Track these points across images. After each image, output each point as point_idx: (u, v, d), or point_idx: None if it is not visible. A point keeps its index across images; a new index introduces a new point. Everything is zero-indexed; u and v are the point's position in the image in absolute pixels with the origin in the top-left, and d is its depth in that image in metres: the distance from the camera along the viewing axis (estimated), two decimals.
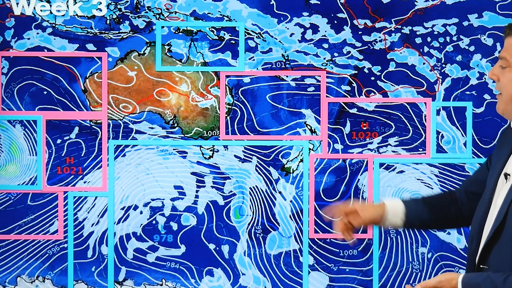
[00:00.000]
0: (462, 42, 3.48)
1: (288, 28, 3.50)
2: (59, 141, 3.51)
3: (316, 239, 3.51)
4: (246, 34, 3.50)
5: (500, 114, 2.11)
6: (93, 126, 3.51)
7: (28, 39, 3.49)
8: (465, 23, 3.47)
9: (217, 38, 3.50)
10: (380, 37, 3.49)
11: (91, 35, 3.50)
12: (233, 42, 3.50)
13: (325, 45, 3.50)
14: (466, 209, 2.31)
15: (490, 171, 2.18)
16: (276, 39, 3.50)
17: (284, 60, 3.50)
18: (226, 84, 3.50)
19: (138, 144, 3.51)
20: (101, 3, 3.49)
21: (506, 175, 2.07)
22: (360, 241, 3.51)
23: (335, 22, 3.50)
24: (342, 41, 3.50)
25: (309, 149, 3.50)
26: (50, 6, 3.48)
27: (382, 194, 3.49)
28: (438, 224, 2.37)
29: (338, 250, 3.51)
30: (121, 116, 3.50)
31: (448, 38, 3.49)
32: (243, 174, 3.51)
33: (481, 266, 2.04)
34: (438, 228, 2.41)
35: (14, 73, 3.49)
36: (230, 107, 3.51)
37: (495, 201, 2.09)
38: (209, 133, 3.51)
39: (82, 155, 3.51)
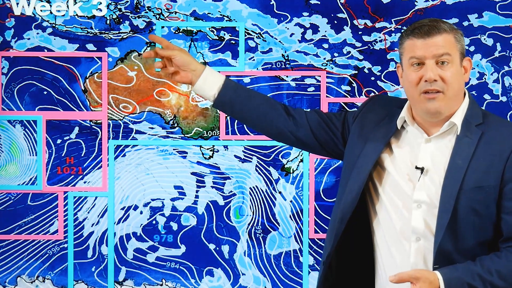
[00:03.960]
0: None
1: (288, 28, 3.50)
2: (59, 141, 3.51)
3: (316, 239, 3.51)
4: (246, 34, 3.50)
5: (436, 114, 2.09)
6: (93, 126, 3.51)
7: (28, 39, 3.49)
8: (465, 23, 3.47)
9: (217, 38, 3.50)
10: (380, 37, 3.50)
11: (91, 35, 3.50)
12: (233, 42, 3.50)
13: (325, 45, 3.50)
14: (288, 126, 2.27)
15: (355, 152, 2.17)
16: (276, 39, 3.50)
17: (284, 60, 3.50)
18: None
19: (138, 144, 3.51)
20: (101, 3, 3.49)
21: (421, 169, 2.08)
22: None
23: (335, 22, 3.50)
24: (342, 41, 3.50)
25: None
26: (50, 6, 3.48)
27: None
28: (249, 119, 2.31)
29: None
30: (121, 116, 3.51)
31: None
32: (243, 174, 3.52)
33: (435, 266, 2.04)
34: (252, 127, 2.34)
35: (14, 73, 3.49)
36: None
37: (406, 193, 2.09)
38: (209, 133, 3.51)
39: (82, 155, 3.51)
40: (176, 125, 3.51)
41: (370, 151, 2.15)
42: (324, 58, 3.50)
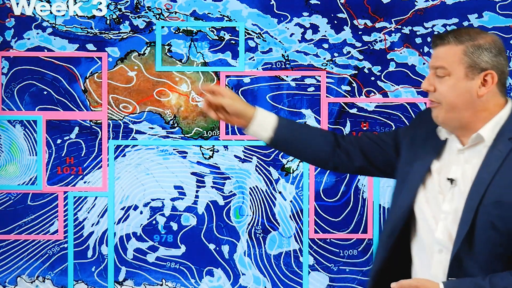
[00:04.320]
0: None
1: (288, 28, 3.50)
2: (59, 141, 3.51)
3: (316, 239, 3.51)
4: (246, 34, 3.50)
5: (439, 124, 2.10)
6: (93, 126, 3.51)
7: (28, 39, 3.49)
8: (465, 23, 3.47)
9: (217, 38, 3.50)
10: (380, 37, 3.50)
11: (91, 35, 3.50)
12: (233, 42, 3.50)
13: (325, 45, 3.50)
14: (343, 160, 2.29)
15: (405, 166, 2.17)
16: (276, 39, 3.50)
17: (284, 60, 3.50)
18: (226, 84, 3.50)
19: (138, 144, 3.51)
20: (101, 3, 3.49)
21: (451, 180, 2.08)
22: (360, 241, 3.51)
23: (335, 22, 3.50)
24: (342, 41, 3.50)
25: None
26: (50, 6, 3.48)
27: (382, 194, 3.49)
28: (305, 156, 2.33)
29: (338, 250, 3.51)
30: (121, 116, 3.51)
31: None
32: (243, 174, 3.52)
33: (449, 278, 2.04)
34: (305, 160, 2.36)
35: (14, 73, 3.49)
36: None
37: (436, 204, 2.09)
38: (209, 133, 3.51)
39: (82, 155, 3.51)
40: (176, 125, 3.51)
41: (420, 167, 2.14)
42: (324, 58, 3.50)
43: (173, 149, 3.51)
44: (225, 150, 3.51)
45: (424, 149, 2.16)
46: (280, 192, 3.51)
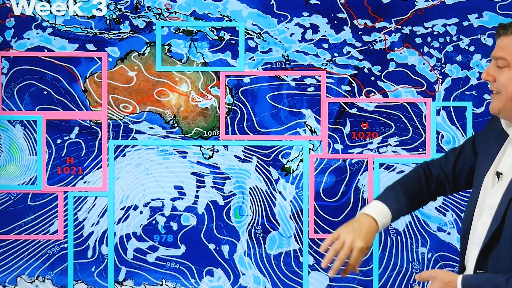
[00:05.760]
0: (462, 42, 3.48)
1: (288, 28, 3.50)
2: (59, 141, 3.51)
3: (316, 239, 3.51)
4: (246, 34, 3.50)
5: (494, 114, 2.10)
6: (93, 126, 3.51)
7: (28, 39, 3.49)
8: (465, 23, 3.47)
9: (217, 38, 3.50)
10: (380, 37, 3.50)
11: (91, 35, 3.50)
12: (233, 42, 3.50)
13: (325, 45, 3.50)
14: (441, 189, 2.32)
15: (478, 167, 2.19)
16: (276, 39, 3.50)
17: (284, 60, 3.50)
18: (226, 84, 3.50)
19: (138, 144, 3.51)
20: (101, 3, 3.49)
21: (498, 174, 2.07)
22: None
23: (335, 22, 3.50)
24: (342, 41, 3.50)
25: (309, 149, 3.50)
26: (50, 6, 3.48)
27: None
28: (419, 207, 2.37)
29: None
30: (121, 116, 3.51)
31: (448, 38, 3.49)
32: (243, 174, 3.52)
33: (477, 271, 2.04)
34: (419, 208, 2.42)
35: (14, 73, 3.49)
36: (230, 107, 3.51)
37: (483, 199, 2.10)
38: (209, 133, 3.51)
39: (82, 155, 3.51)
40: (176, 125, 3.51)
41: (483, 167, 2.15)
42: (324, 58, 3.50)
43: (173, 149, 3.51)
44: (225, 150, 3.51)
45: (490, 148, 2.16)
46: (280, 192, 3.51)
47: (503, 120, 2.13)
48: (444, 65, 3.49)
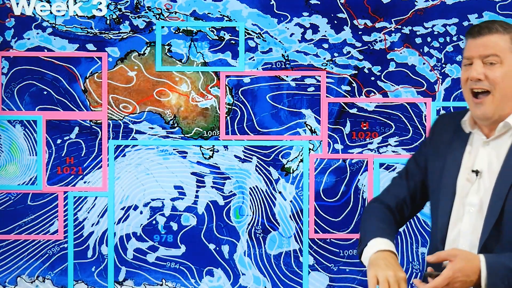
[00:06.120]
0: (462, 42, 3.48)
1: (288, 28, 3.50)
2: (59, 141, 3.51)
3: (316, 239, 3.51)
4: (246, 34, 3.50)
5: (487, 118, 2.08)
6: (93, 126, 3.51)
7: (28, 39, 3.49)
8: (465, 23, 3.47)
9: (217, 38, 3.50)
10: (380, 37, 3.50)
11: (91, 35, 3.50)
12: (233, 42, 3.50)
13: (325, 45, 3.50)
14: (404, 215, 2.33)
15: (438, 173, 2.17)
16: (276, 39, 3.50)
17: (284, 60, 3.50)
18: (226, 84, 3.50)
19: (138, 144, 3.51)
20: (101, 3, 3.49)
21: (477, 172, 2.08)
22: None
23: (335, 22, 3.50)
24: (342, 41, 3.50)
25: (309, 149, 3.50)
26: (50, 6, 3.48)
27: None
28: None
29: (338, 250, 3.51)
30: (121, 116, 3.51)
31: (448, 38, 3.49)
32: (243, 174, 3.52)
33: None
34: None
35: (14, 73, 3.49)
36: (230, 107, 3.51)
37: (461, 199, 2.09)
38: (209, 133, 3.51)
39: (82, 155, 3.51)
40: (176, 125, 3.51)
41: (452, 169, 2.14)
42: (324, 58, 3.50)
43: (173, 149, 3.51)
44: (225, 150, 3.51)
45: (452, 150, 2.16)
46: (280, 192, 3.51)
47: (466, 122, 2.14)
48: (444, 65, 3.49)
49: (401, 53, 3.50)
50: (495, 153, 2.09)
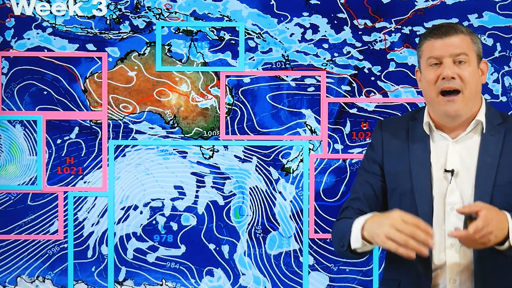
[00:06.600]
0: None
1: (288, 28, 3.50)
2: (59, 141, 3.51)
3: (316, 239, 3.51)
4: (246, 34, 3.50)
5: (458, 116, 2.11)
6: (93, 126, 3.51)
7: (28, 39, 3.49)
8: (465, 23, 3.47)
9: (217, 38, 3.50)
10: (380, 37, 3.50)
11: (91, 35, 3.50)
12: (233, 42, 3.50)
13: (325, 45, 3.50)
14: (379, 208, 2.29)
15: (404, 174, 2.17)
16: (276, 39, 3.50)
17: (284, 60, 3.50)
18: (226, 84, 3.50)
19: (138, 144, 3.51)
20: (101, 3, 3.49)
21: (452, 171, 2.09)
22: None
23: (335, 22, 3.50)
24: (342, 41, 3.50)
25: (309, 149, 3.50)
26: (50, 6, 3.48)
27: None
28: None
29: None
30: (121, 116, 3.51)
31: None
32: (243, 174, 3.52)
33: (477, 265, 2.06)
34: None
35: (14, 73, 3.49)
36: (230, 107, 3.51)
37: (441, 199, 2.10)
38: (209, 133, 3.51)
39: (82, 155, 3.51)
40: (176, 125, 3.51)
41: (422, 171, 2.14)
42: (324, 58, 3.50)
43: (173, 149, 3.51)
44: (225, 150, 3.51)
45: (414, 153, 2.17)
46: (280, 192, 3.51)
47: (427, 124, 2.17)
48: None
49: (401, 53, 3.50)
50: (466, 151, 2.12)
